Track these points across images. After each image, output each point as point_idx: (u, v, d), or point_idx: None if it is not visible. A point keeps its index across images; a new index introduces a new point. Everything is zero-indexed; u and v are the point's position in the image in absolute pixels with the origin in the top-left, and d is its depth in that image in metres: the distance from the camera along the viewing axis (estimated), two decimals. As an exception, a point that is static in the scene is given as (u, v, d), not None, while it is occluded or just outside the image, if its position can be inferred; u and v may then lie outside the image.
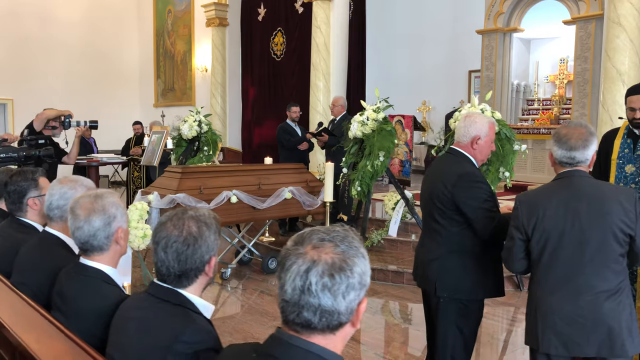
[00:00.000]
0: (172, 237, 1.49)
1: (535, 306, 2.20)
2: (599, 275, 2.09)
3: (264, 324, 4.40)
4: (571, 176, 2.21)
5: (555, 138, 2.25)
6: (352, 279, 1.09)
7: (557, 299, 2.13)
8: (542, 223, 2.16)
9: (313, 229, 1.15)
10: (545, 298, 2.16)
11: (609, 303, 2.07)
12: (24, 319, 1.86)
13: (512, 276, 5.15)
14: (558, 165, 2.27)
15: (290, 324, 1.12)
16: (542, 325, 2.15)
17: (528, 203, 2.24)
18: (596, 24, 8.07)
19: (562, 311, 2.11)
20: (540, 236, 2.16)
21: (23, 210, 2.48)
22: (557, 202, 2.16)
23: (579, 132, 2.21)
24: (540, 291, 2.19)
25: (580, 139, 2.19)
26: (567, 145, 2.20)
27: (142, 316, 1.49)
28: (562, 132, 2.25)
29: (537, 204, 2.20)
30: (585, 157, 2.21)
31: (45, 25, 13.23)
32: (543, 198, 2.22)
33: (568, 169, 2.24)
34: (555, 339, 2.12)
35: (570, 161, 2.21)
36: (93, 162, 8.47)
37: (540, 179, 9.32)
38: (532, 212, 2.19)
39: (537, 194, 2.28)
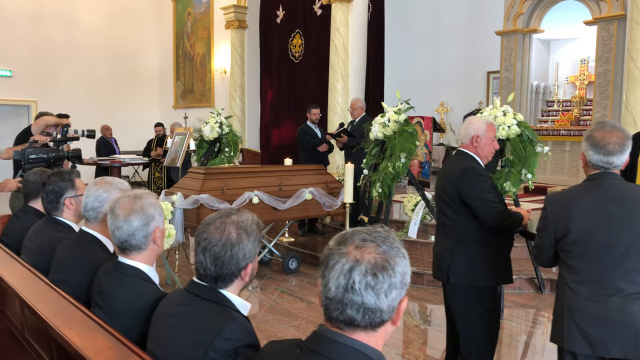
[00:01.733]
0: (212, 241, 1.54)
1: (563, 305, 2.22)
2: (627, 277, 2.09)
3: (285, 323, 4.45)
4: (603, 178, 2.20)
5: (590, 142, 2.20)
6: (394, 278, 1.13)
7: (585, 299, 2.14)
8: (571, 224, 2.16)
9: (354, 229, 1.19)
10: (573, 298, 2.17)
11: (636, 305, 2.08)
12: (64, 315, 1.92)
13: (534, 278, 5.14)
14: (591, 168, 2.24)
15: (333, 321, 1.16)
16: (569, 324, 2.16)
17: (558, 203, 2.24)
18: (618, 24, 7.99)
19: (589, 311, 2.12)
20: (569, 237, 2.17)
21: (59, 210, 2.56)
22: (587, 204, 2.16)
23: (616, 137, 2.17)
24: (568, 290, 2.20)
25: (617, 143, 2.16)
26: (604, 151, 2.16)
27: (184, 313, 1.54)
28: (597, 135, 2.19)
29: (567, 205, 2.20)
30: (621, 161, 2.19)
31: (67, 29, 13.47)
32: (573, 199, 2.21)
33: (600, 171, 2.21)
34: (581, 338, 2.13)
35: (607, 166, 2.19)
36: (116, 162, 8.63)
37: (560, 180, 9.25)
38: (561, 213, 2.20)
39: (567, 195, 2.27)
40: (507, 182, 4.48)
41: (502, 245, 2.83)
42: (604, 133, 2.19)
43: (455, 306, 2.85)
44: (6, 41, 12.53)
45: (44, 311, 1.96)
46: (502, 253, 2.84)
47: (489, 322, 2.82)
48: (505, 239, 2.86)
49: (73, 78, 13.51)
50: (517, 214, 2.78)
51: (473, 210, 2.73)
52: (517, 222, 2.77)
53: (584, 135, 2.26)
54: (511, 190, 4.49)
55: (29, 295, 2.15)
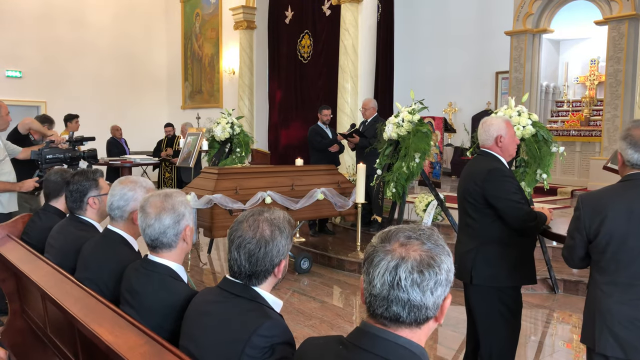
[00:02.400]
0: (246, 238, 1.55)
1: (594, 307, 2.19)
2: None
3: (299, 322, 4.46)
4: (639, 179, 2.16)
5: (630, 141, 2.16)
6: (440, 275, 1.14)
7: (617, 302, 2.11)
8: (605, 225, 2.13)
9: (398, 227, 1.20)
10: (605, 300, 2.15)
11: None
12: (93, 312, 1.94)
13: (547, 279, 5.13)
14: (629, 167, 2.21)
15: (377, 318, 1.17)
16: (600, 326, 2.14)
17: (591, 204, 2.20)
18: (629, 24, 7.97)
19: (621, 314, 2.10)
20: (603, 238, 2.13)
21: (83, 209, 2.59)
22: (622, 205, 2.13)
23: None
24: (600, 293, 2.18)
25: None
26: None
27: (218, 310, 1.55)
28: (636, 134, 2.16)
29: (601, 205, 2.17)
30: None
31: (76, 29, 13.54)
32: (607, 199, 2.18)
33: (637, 171, 2.18)
34: (613, 340, 2.11)
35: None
36: (126, 163, 8.66)
37: (570, 181, 9.23)
38: (595, 213, 2.17)
39: (601, 195, 2.23)
40: (522, 182, 4.47)
41: (525, 245, 2.83)
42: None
43: (478, 307, 2.84)
44: (16, 42, 12.61)
45: (73, 309, 1.97)
46: (526, 254, 2.83)
47: (512, 324, 2.81)
48: (528, 239, 2.85)
49: (82, 78, 13.58)
50: (541, 214, 2.78)
51: (499, 211, 2.72)
52: (542, 222, 2.77)
53: (621, 134, 2.22)
54: (526, 191, 4.49)
55: (56, 293, 2.17)
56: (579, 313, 4.65)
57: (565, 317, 4.73)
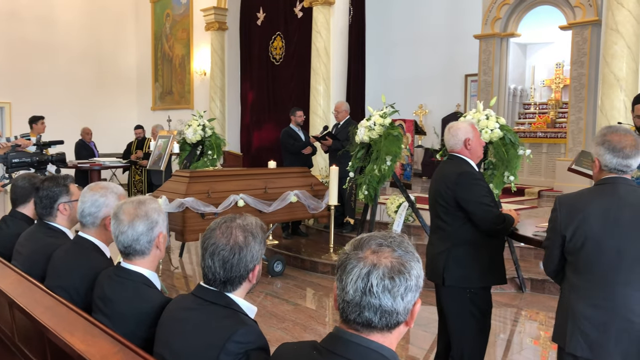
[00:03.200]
0: (219, 245, 1.56)
1: (567, 307, 2.23)
2: (633, 284, 2.09)
3: (272, 325, 4.46)
4: (616, 182, 2.19)
5: (608, 146, 2.19)
6: (410, 282, 1.18)
7: (590, 304, 2.15)
8: (581, 228, 2.15)
9: (371, 234, 1.24)
10: (578, 301, 2.18)
11: None
12: (65, 320, 1.91)
13: (515, 278, 5.25)
14: (605, 171, 2.23)
15: (350, 323, 1.20)
16: (572, 326, 2.18)
17: (568, 206, 2.23)
18: (592, 29, 8.22)
19: (593, 316, 2.13)
20: (578, 240, 2.16)
21: (53, 215, 2.54)
22: (598, 207, 2.15)
23: (631, 140, 2.19)
24: (573, 294, 2.21)
25: (634, 146, 2.18)
26: (623, 154, 2.17)
27: (193, 317, 1.56)
28: (613, 139, 2.20)
29: (578, 207, 2.19)
30: (637, 164, 2.21)
31: (44, 28, 13.23)
32: (584, 202, 2.20)
33: (614, 175, 2.21)
34: (583, 341, 2.14)
35: (625, 169, 2.19)
36: (95, 165, 8.51)
37: (536, 181, 9.46)
38: (571, 216, 2.19)
39: (578, 197, 2.25)
40: (490, 184, 4.57)
41: (495, 247, 2.91)
42: (619, 137, 2.20)
43: (449, 308, 2.90)
44: (-21, 41, 12.27)
45: (43, 317, 1.95)
46: (496, 255, 2.91)
47: (482, 324, 2.88)
48: (497, 240, 2.93)
49: (49, 79, 13.27)
50: (509, 216, 2.86)
51: (469, 214, 2.79)
52: (510, 224, 2.85)
53: (596, 140, 2.25)
54: (494, 192, 4.59)
55: (24, 301, 2.13)
56: (545, 311, 4.79)
57: (532, 315, 4.86)
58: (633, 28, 6.57)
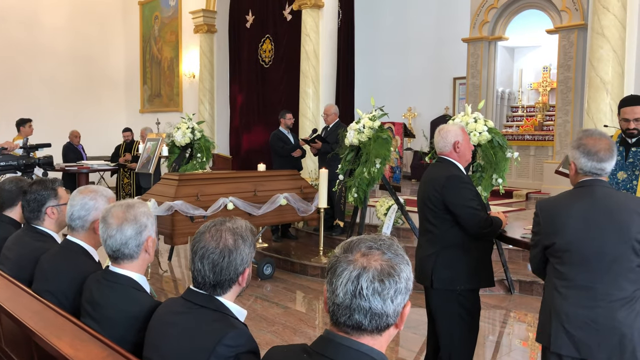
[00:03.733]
0: (209, 249, 1.56)
1: (550, 308, 2.26)
2: (615, 284, 2.13)
3: (262, 329, 4.45)
4: (593, 185, 2.23)
5: (583, 150, 2.24)
6: (400, 284, 1.19)
7: (573, 304, 2.18)
8: (562, 230, 2.20)
9: (360, 237, 1.24)
10: (561, 302, 2.22)
11: (623, 311, 2.13)
12: (52, 325, 1.90)
13: (504, 280, 5.29)
14: (581, 175, 2.28)
15: (340, 326, 1.20)
16: (556, 326, 2.22)
17: (548, 211, 2.28)
18: (578, 33, 8.32)
19: (577, 316, 2.17)
20: (560, 243, 2.21)
21: (40, 219, 2.52)
22: (578, 211, 2.19)
23: (606, 143, 2.23)
24: (557, 295, 2.25)
25: (608, 149, 2.22)
26: (597, 157, 2.21)
27: (183, 321, 1.55)
28: (588, 143, 2.24)
29: (558, 212, 2.24)
30: (611, 166, 2.25)
31: (30, 31, 13.12)
32: (564, 206, 2.25)
33: (590, 178, 2.25)
34: (567, 340, 2.18)
35: (600, 172, 2.23)
36: (83, 169, 8.45)
37: (524, 184, 9.54)
38: (552, 220, 2.24)
39: (558, 202, 2.30)
40: (478, 186, 4.60)
41: (483, 249, 2.93)
42: (594, 140, 2.24)
43: (438, 310, 2.91)
44: (-36, 43, 12.13)
45: (31, 322, 1.93)
46: (484, 257, 2.93)
47: (470, 325, 2.90)
48: (485, 243, 2.95)
49: (36, 81, 13.16)
50: (497, 219, 2.88)
51: (457, 217, 2.81)
52: (498, 227, 2.87)
53: (573, 144, 2.31)
54: (482, 195, 4.62)
55: (11, 306, 2.11)
56: (534, 312, 4.82)
57: (521, 316, 4.89)
58: (618, 32, 6.66)
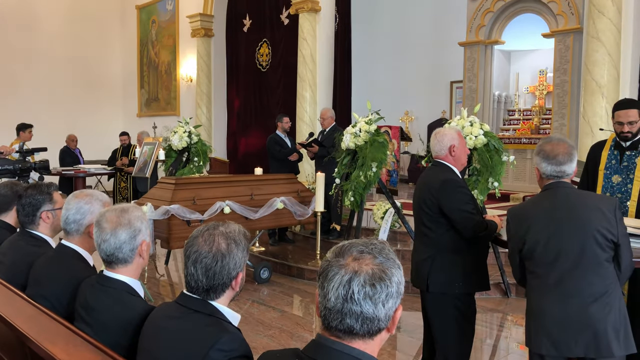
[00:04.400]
0: (202, 253, 1.56)
1: (530, 309, 2.37)
2: (585, 279, 2.23)
3: (259, 333, 4.44)
4: (556, 187, 2.37)
5: (542, 155, 2.40)
6: (391, 288, 1.19)
7: (548, 303, 2.28)
8: (529, 232, 2.33)
9: (352, 242, 1.25)
10: (538, 302, 2.32)
11: (595, 306, 2.20)
12: (46, 330, 1.89)
13: (500, 283, 5.29)
14: (545, 179, 2.42)
15: (332, 330, 1.20)
16: (535, 327, 2.30)
17: (517, 216, 2.43)
18: (574, 37, 8.34)
19: (552, 314, 2.26)
20: (529, 244, 2.33)
21: (35, 223, 2.52)
22: (542, 213, 2.33)
23: (564, 148, 2.38)
24: (533, 295, 2.35)
25: (566, 153, 2.36)
26: (556, 161, 2.36)
27: (176, 325, 1.55)
28: (546, 148, 2.40)
29: (525, 216, 2.39)
30: (572, 169, 2.39)
31: (27, 35, 13.11)
32: (530, 210, 2.40)
33: (552, 181, 2.39)
34: (546, 339, 2.26)
35: (560, 174, 2.38)
36: (80, 172, 8.44)
37: (522, 187, 9.54)
38: (520, 224, 2.38)
39: (524, 207, 2.47)
40: (475, 190, 4.61)
41: (479, 253, 2.94)
42: (552, 145, 2.39)
43: (434, 314, 2.92)
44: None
45: (24, 327, 1.92)
46: (479, 261, 2.95)
47: (466, 329, 2.90)
48: (481, 247, 2.97)
49: (33, 85, 13.14)
50: (492, 222, 2.89)
51: (452, 221, 2.82)
52: (493, 231, 2.88)
53: (535, 151, 2.47)
54: (479, 198, 4.63)
55: (5, 310, 2.10)
56: (530, 316, 4.82)
57: (518, 319, 4.89)
58: (614, 36, 6.68)
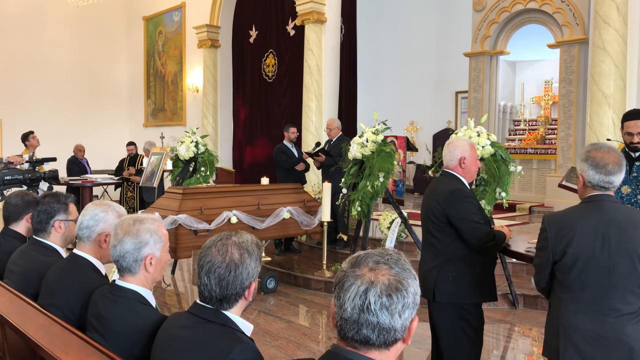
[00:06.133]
0: (215, 263, 1.57)
1: (558, 323, 2.25)
2: (622, 298, 2.13)
3: (266, 343, 4.43)
4: (601, 200, 2.23)
5: (591, 162, 2.24)
6: (408, 299, 1.19)
7: (582, 319, 2.18)
8: (571, 246, 2.18)
9: (367, 252, 1.25)
10: (569, 317, 2.21)
11: (631, 325, 2.13)
12: (59, 339, 1.90)
13: (508, 294, 5.27)
14: (589, 188, 2.27)
15: (348, 341, 1.21)
16: (564, 342, 2.21)
17: (558, 225, 2.25)
18: (579, 48, 8.37)
19: (585, 331, 2.16)
20: (569, 258, 2.19)
21: (47, 232, 2.53)
22: (587, 226, 2.18)
23: (615, 157, 2.23)
24: (564, 310, 2.24)
25: (617, 163, 2.22)
26: (605, 170, 2.21)
27: (189, 335, 1.56)
28: (596, 156, 2.24)
29: (567, 226, 2.22)
30: (619, 180, 2.24)
31: (34, 45, 13.25)
32: (573, 221, 2.23)
33: (598, 192, 2.25)
34: (576, 356, 2.17)
35: (608, 185, 2.23)
36: (87, 182, 8.47)
37: (528, 197, 9.53)
38: (561, 234, 2.22)
39: (567, 216, 2.28)
40: (482, 200, 4.61)
41: (486, 263, 2.92)
42: (602, 153, 2.23)
43: (441, 324, 2.91)
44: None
45: (37, 336, 1.93)
46: (487, 271, 2.93)
47: (474, 340, 2.89)
48: (489, 257, 2.95)
49: (41, 95, 13.26)
50: (500, 233, 2.88)
51: (459, 231, 2.81)
52: (501, 241, 2.87)
53: (580, 157, 2.30)
54: (486, 209, 4.62)
55: (17, 320, 2.11)
56: (538, 327, 4.79)
57: (525, 331, 4.86)
58: (619, 47, 6.70)
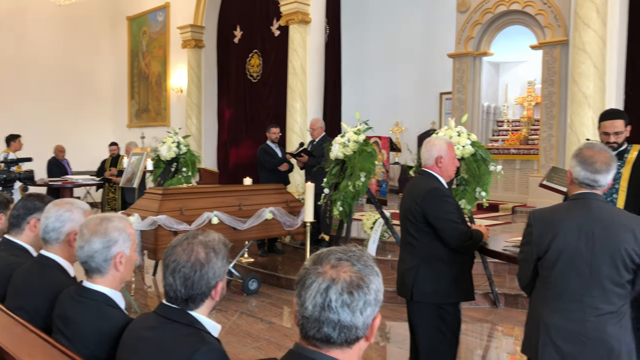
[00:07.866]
0: (180, 262, 1.54)
1: (538, 320, 2.24)
2: (604, 298, 2.12)
3: (246, 345, 4.40)
4: (588, 199, 2.22)
5: (579, 159, 2.24)
6: (369, 296, 1.17)
7: (563, 317, 2.17)
8: (555, 242, 2.18)
9: (330, 249, 1.23)
10: (550, 314, 2.20)
11: (612, 325, 2.12)
12: (23, 342, 1.86)
13: (489, 293, 5.28)
14: (577, 185, 2.27)
15: (309, 339, 1.19)
16: (544, 339, 2.20)
17: (543, 220, 2.25)
18: (561, 49, 8.44)
19: (566, 329, 2.15)
20: (552, 254, 2.18)
21: (21, 228, 2.47)
22: (572, 223, 2.17)
23: (604, 157, 2.22)
24: (545, 307, 2.23)
25: (605, 163, 2.20)
26: (592, 168, 2.20)
27: (155, 336, 1.53)
28: (586, 153, 2.24)
29: (552, 223, 2.21)
30: (606, 181, 2.22)
31: (17, 45, 13.06)
32: (559, 217, 2.22)
33: (585, 190, 2.24)
34: (555, 353, 2.16)
35: (593, 184, 2.22)
36: (67, 183, 8.37)
37: (510, 197, 9.58)
38: (547, 230, 2.21)
39: (552, 212, 2.28)
40: (462, 200, 4.62)
41: (464, 263, 2.93)
42: (593, 152, 2.23)
43: (418, 323, 2.90)
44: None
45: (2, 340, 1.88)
46: (465, 271, 2.93)
47: (450, 339, 2.89)
48: (467, 256, 2.95)
49: (22, 95, 13.07)
50: (477, 232, 2.88)
51: (437, 230, 2.80)
52: (478, 240, 2.87)
53: (573, 153, 2.30)
54: (466, 208, 4.63)
55: (-18, 323, 2.07)
56: (520, 326, 4.81)
57: (507, 330, 4.88)
58: (599, 48, 6.76)
